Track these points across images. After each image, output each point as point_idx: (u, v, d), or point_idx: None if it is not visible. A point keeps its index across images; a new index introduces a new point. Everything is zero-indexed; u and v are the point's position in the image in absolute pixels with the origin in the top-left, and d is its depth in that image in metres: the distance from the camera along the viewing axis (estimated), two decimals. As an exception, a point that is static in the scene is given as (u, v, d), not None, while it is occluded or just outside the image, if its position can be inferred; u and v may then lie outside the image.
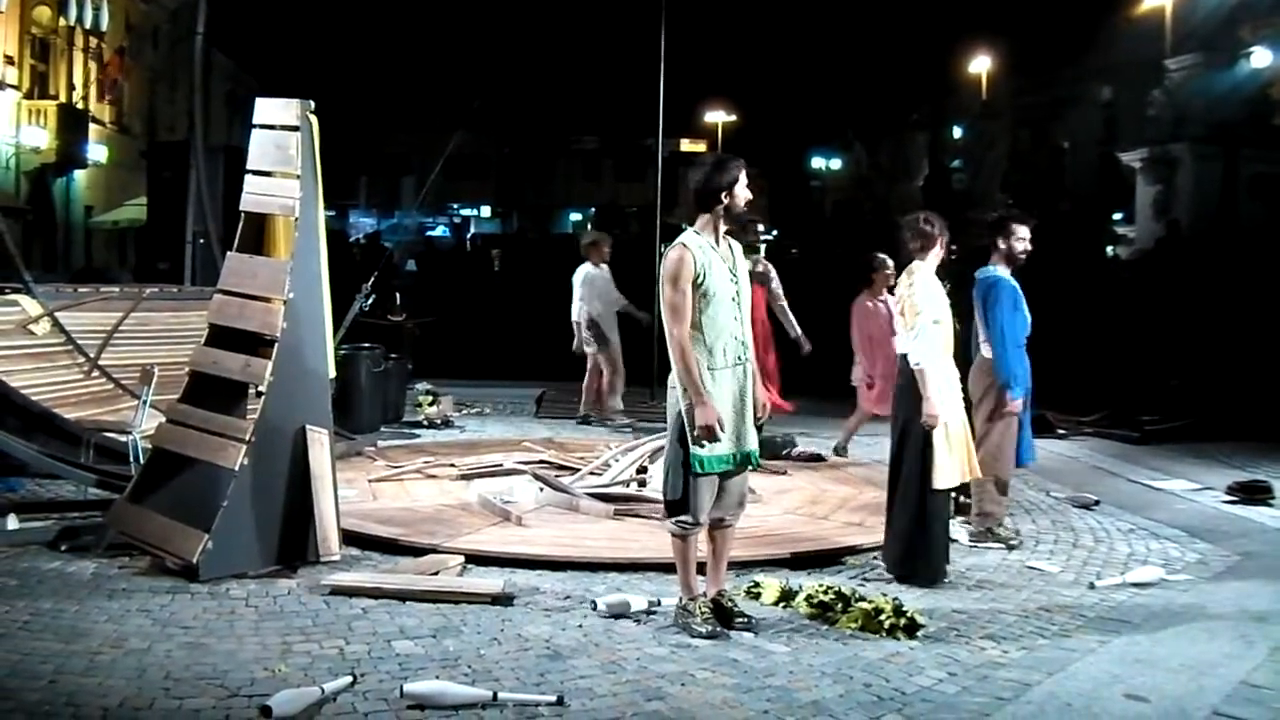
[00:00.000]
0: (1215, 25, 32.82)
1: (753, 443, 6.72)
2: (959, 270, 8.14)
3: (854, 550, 8.41)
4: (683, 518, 6.58)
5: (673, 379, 6.59)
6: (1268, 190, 30.68)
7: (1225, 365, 16.38)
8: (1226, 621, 6.96)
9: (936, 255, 7.96)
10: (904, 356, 7.79)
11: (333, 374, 8.34)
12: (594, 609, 6.76)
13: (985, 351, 8.74)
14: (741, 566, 7.73)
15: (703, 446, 6.44)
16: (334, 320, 8.44)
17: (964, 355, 8.62)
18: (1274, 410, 14.65)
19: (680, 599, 6.73)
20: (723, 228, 6.68)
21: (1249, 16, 33.14)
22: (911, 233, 8.05)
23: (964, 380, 8.33)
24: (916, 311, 7.70)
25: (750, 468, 6.81)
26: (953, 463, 7.72)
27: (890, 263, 11.57)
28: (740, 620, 6.74)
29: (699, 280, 6.48)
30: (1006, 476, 8.92)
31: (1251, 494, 10.57)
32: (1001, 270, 8.75)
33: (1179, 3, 35.56)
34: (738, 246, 6.81)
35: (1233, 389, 15.57)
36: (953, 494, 8.17)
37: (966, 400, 8.30)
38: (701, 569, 6.87)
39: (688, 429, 6.47)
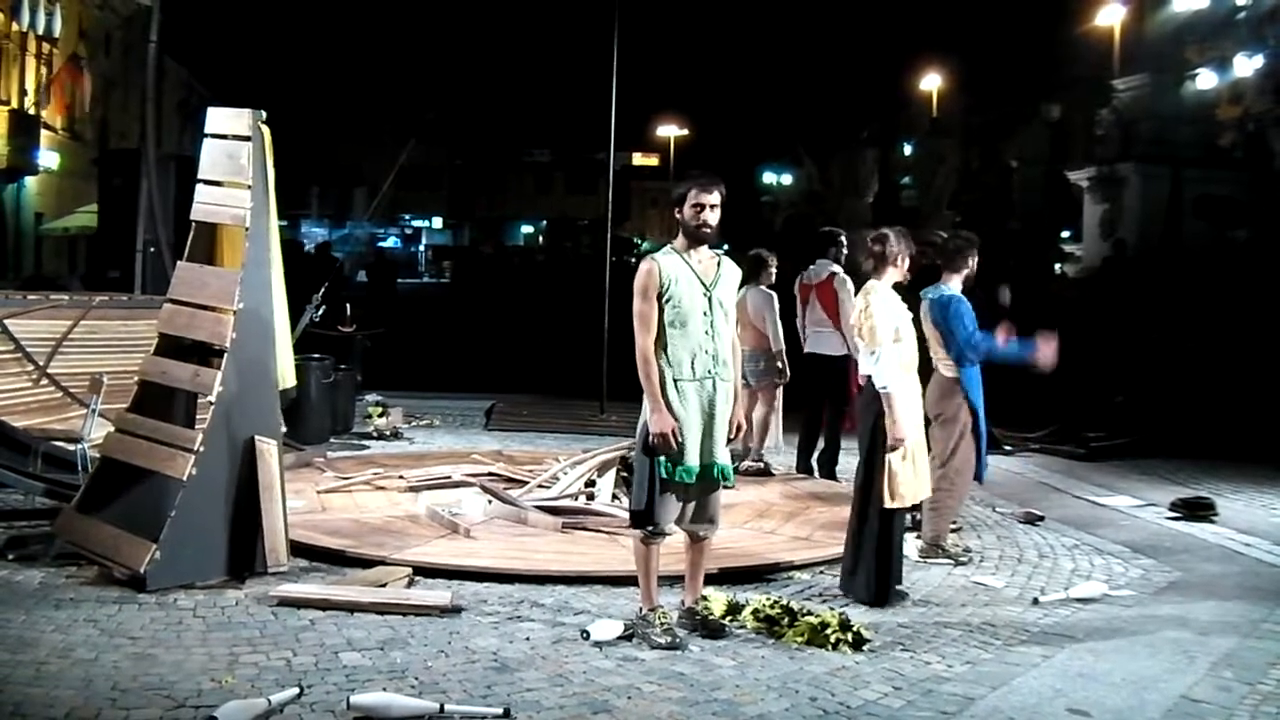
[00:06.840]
0: (1163, 47, 33.09)
1: (722, 457, 6.75)
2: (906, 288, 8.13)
3: (802, 565, 8.45)
4: (646, 528, 6.62)
5: None
6: (1211, 210, 30.94)
7: (1170, 382, 16.53)
8: (1168, 637, 7.06)
9: (894, 273, 7.85)
10: (869, 378, 7.74)
11: (291, 383, 8.34)
12: (585, 638, 6.62)
13: (945, 371, 8.79)
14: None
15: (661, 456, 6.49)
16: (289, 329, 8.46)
17: (924, 371, 8.63)
18: (1217, 427, 14.83)
19: (640, 609, 6.75)
20: (697, 242, 6.69)
21: (1196, 39, 33.46)
22: (865, 252, 8.06)
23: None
24: (875, 333, 7.57)
25: (723, 483, 6.82)
26: (913, 483, 7.69)
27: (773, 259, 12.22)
28: (715, 628, 6.78)
29: (664, 292, 6.54)
30: (965, 493, 9.01)
31: (1194, 511, 10.67)
32: (955, 287, 8.79)
33: (1127, 24, 35.90)
34: (729, 265, 6.82)
35: (1177, 406, 15.72)
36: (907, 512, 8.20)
37: (925, 418, 8.30)
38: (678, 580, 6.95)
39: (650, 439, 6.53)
